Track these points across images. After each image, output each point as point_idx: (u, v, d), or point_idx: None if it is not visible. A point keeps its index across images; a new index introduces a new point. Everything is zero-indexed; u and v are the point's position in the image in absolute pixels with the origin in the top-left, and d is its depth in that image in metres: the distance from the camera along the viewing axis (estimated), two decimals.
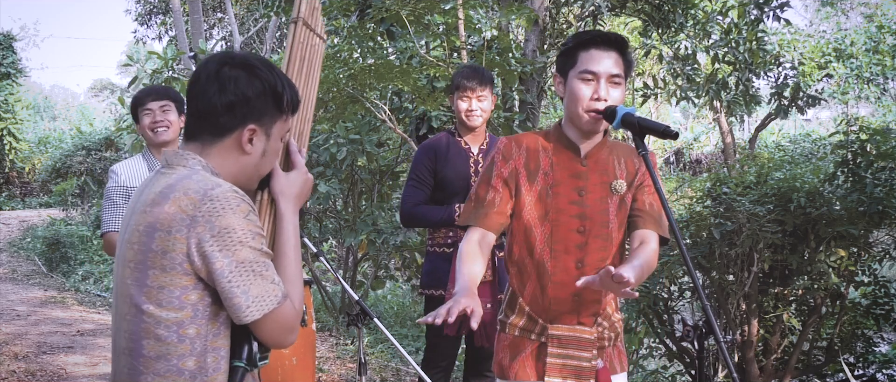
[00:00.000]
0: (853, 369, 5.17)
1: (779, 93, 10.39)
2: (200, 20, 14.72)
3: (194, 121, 1.67)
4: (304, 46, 1.92)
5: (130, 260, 1.61)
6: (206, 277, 1.57)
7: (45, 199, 18.01)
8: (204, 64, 1.68)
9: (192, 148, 1.67)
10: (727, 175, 5.62)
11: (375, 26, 6.88)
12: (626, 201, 2.29)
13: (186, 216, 1.55)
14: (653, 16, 8.58)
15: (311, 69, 1.96)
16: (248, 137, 1.66)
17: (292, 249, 1.71)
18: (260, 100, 1.65)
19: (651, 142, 17.35)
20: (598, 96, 2.17)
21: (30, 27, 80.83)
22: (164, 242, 1.56)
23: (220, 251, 1.54)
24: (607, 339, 2.30)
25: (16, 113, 18.87)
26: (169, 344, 1.58)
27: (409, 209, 3.59)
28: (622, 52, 2.23)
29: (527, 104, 7.03)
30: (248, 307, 1.56)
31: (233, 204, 1.56)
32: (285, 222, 1.72)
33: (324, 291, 7.62)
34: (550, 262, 2.24)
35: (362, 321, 3.38)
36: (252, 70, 1.65)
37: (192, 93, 1.66)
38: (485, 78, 3.60)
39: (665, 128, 2.04)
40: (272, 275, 1.60)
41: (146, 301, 1.58)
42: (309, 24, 1.93)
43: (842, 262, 4.70)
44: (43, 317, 7.87)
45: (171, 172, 1.64)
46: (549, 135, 2.31)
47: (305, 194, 1.79)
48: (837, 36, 12.74)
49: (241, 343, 1.64)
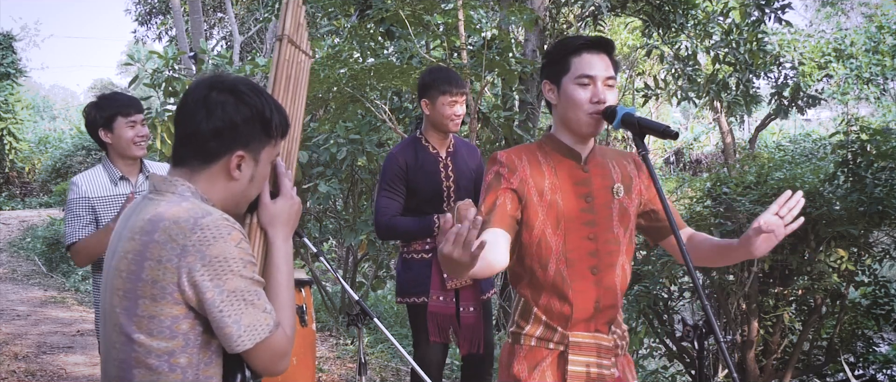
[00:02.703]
0: (853, 369, 5.17)
1: (779, 93, 10.40)
2: (200, 20, 14.72)
3: (182, 146, 1.65)
4: (290, 64, 1.90)
5: (119, 289, 1.59)
6: (197, 306, 1.56)
7: (45, 199, 18.02)
8: (192, 88, 1.67)
9: (180, 173, 1.65)
10: (727, 175, 5.62)
11: (375, 26, 6.88)
12: (626, 206, 2.29)
13: (177, 245, 1.53)
14: (653, 16, 8.59)
15: (298, 87, 1.94)
16: (236, 164, 1.64)
17: (284, 276, 1.70)
18: (247, 126, 1.63)
19: (651, 141, 17.34)
20: (598, 99, 2.18)
21: (30, 27, 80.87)
22: (155, 271, 1.54)
23: (212, 280, 1.53)
24: (620, 348, 2.28)
25: (16, 113, 18.88)
26: (160, 374, 1.57)
27: (387, 221, 3.52)
28: (610, 55, 2.26)
29: (527, 104, 7.03)
30: (239, 336, 1.55)
31: (224, 232, 1.55)
32: (275, 249, 1.71)
33: (324, 291, 7.62)
34: (568, 271, 2.21)
35: (362, 321, 3.38)
36: (240, 95, 1.64)
37: (180, 118, 1.65)
38: (462, 81, 3.55)
39: (665, 128, 2.04)
40: (264, 304, 1.59)
41: (137, 330, 1.56)
42: (294, 40, 1.92)
43: (842, 262, 4.70)
44: (43, 317, 7.87)
45: (160, 199, 1.62)
46: (543, 146, 2.29)
47: (294, 220, 1.76)
48: (837, 36, 12.75)
49: (233, 371, 1.63)
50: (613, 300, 2.23)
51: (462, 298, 3.52)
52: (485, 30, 6.23)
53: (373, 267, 7.67)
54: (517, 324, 2.29)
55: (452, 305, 3.51)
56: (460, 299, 3.52)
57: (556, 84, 2.25)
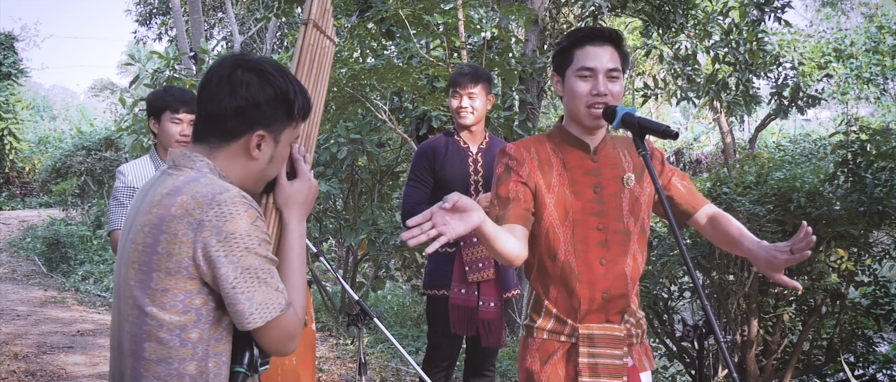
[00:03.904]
0: (853, 369, 5.17)
1: (779, 93, 10.40)
2: (200, 20, 14.71)
3: (203, 123, 1.65)
4: (315, 48, 1.90)
5: (134, 261, 1.59)
6: (210, 282, 1.56)
7: (45, 199, 18.01)
8: (217, 65, 1.65)
9: (200, 150, 1.65)
10: (727, 175, 5.62)
11: (375, 26, 6.88)
12: (638, 195, 2.28)
13: (194, 220, 1.54)
14: (653, 16, 8.58)
15: (321, 71, 1.94)
16: (256, 143, 1.64)
17: (297, 257, 1.70)
18: (270, 107, 1.63)
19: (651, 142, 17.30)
20: (598, 91, 2.17)
21: (30, 27, 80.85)
22: (170, 245, 1.54)
23: (226, 256, 1.53)
24: (635, 336, 2.28)
25: (16, 113, 18.87)
26: (171, 348, 1.57)
27: (411, 208, 3.58)
28: (617, 46, 2.23)
29: (527, 104, 7.03)
30: (251, 313, 1.56)
31: (241, 209, 1.55)
32: (290, 231, 1.72)
33: (324, 291, 7.62)
34: (576, 262, 2.21)
35: (362, 321, 3.38)
36: (264, 75, 1.63)
37: (203, 95, 1.64)
38: (478, 76, 3.58)
39: (665, 128, 2.04)
40: (277, 283, 1.59)
41: (150, 303, 1.57)
42: (319, 26, 1.92)
43: (842, 262, 4.70)
44: (43, 317, 7.87)
45: (178, 174, 1.62)
46: (553, 136, 2.30)
47: (310, 202, 1.77)
48: (837, 36, 12.74)
49: (242, 349, 1.64)
50: (623, 289, 2.23)
51: (483, 292, 3.54)
52: (485, 30, 6.23)
53: (373, 267, 7.67)
54: (530, 318, 2.31)
55: (474, 298, 3.53)
56: (481, 293, 3.54)
57: (562, 76, 2.26)
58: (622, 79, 2.23)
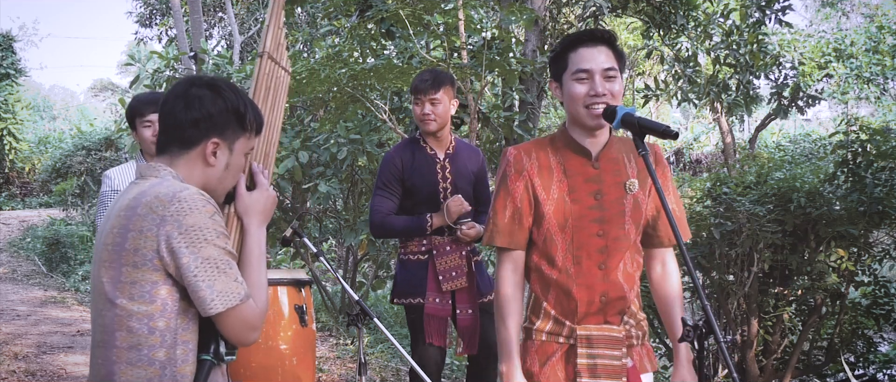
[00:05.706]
0: (853, 369, 5.17)
1: (779, 93, 10.40)
2: (200, 20, 14.71)
3: (164, 135, 1.84)
4: (270, 77, 2.12)
5: (105, 260, 1.74)
6: (174, 272, 1.70)
7: (45, 199, 18.00)
8: (174, 86, 1.86)
9: (163, 160, 1.83)
10: (727, 175, 5.62)
11: (375, 26, 6.88)
12: (640, 201, 2.28)
13: (157, 216, 1.69)
14: (654, 17, 8.59)
15: (277, 98, 2.15)
16: (211, 150, 1.81)
17: (256, 258, 1.85)
18: (222, 117, 1.81)
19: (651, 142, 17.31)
20: (596, 92, 2.17)
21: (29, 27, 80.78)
22: (136, 241, 1.69)
23: (188, 247, 1.68)
24: (635, 337, 2.28)
25: (16, 113, 18.86)
26: (140, 336, 1.71)
27: (380, 219, 3.53)
28: (612, 46, 2.23)
29: (527, 104, 7.04)
30: (212, 300, 1.69)
31: (199, 205, 1.70)
32: (250, 235, 1.88)
33: (324, 291, 7.62)
34: (574, 268, 2.22)
35: (362, 321, 3.38)
36: (217, 90, 1.82)
37: (163, 111, 1.83)
38: (439, 81, 3.51)
39: (665, 128, 2.04)
40: (235, 274, 1.73)
41: (119, 295, 1.71)
42: (274, 57, 2.14)
43: (842, 262, 4.71)
44: (43, 317, 7.87)
45: (143, 182, 1.79)
46: (555, 141, 2.29)
47: (269, 210, 1.93)
48: (837, 36, 12.76)
49: (208, 339, 1.77)
50: (622, 291, 2.23)
51: (458, 300, 3.53)
52: (485, 30, 6.22)
53: (373, 267, 7.67)
54: (529, 320, 2.31)
55: (449, 307, 3.51)
56: (457, 301, 3.52)
57: (559, 81, 2.26)
58: (620, 78, 2.23)
